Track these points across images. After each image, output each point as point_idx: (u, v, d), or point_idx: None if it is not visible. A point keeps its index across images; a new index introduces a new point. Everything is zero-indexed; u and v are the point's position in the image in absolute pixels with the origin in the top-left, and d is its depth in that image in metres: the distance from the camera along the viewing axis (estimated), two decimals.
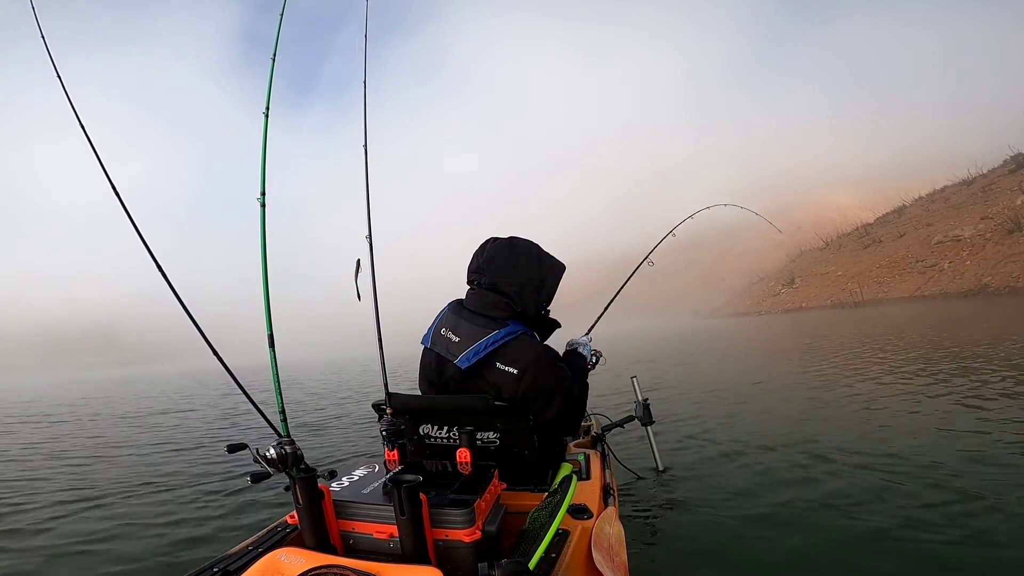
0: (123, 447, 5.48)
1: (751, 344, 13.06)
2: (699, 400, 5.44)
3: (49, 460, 4.98)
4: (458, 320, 1.67)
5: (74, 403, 11.72)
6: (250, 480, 1.18)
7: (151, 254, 1.32)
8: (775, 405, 4.89)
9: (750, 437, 3.68)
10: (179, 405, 9.65)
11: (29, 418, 9.09)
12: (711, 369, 8.41)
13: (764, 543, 2.11)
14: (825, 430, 3.67)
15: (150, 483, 3.77)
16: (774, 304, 33.62)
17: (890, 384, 5.21)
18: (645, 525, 2.42)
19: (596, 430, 2.62)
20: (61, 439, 6.35)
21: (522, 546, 1.20)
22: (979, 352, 6.49)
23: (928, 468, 2.73)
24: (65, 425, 7.76)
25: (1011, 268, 19.08)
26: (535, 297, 1.67)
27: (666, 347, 13.96)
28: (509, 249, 1.70)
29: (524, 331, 1.64)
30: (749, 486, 2.77)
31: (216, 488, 3.50)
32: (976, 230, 23.80)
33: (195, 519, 2.94)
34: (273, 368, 1.25)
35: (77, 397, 13.63)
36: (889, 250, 29.56)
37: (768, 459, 3.19)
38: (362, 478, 1.36)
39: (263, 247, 1.29)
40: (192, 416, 7.82)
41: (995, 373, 5.05)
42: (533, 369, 1.57)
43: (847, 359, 7.43)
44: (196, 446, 5.21)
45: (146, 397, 12.21)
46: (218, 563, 1.17)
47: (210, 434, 5.95)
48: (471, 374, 1.63)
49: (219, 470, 3.99)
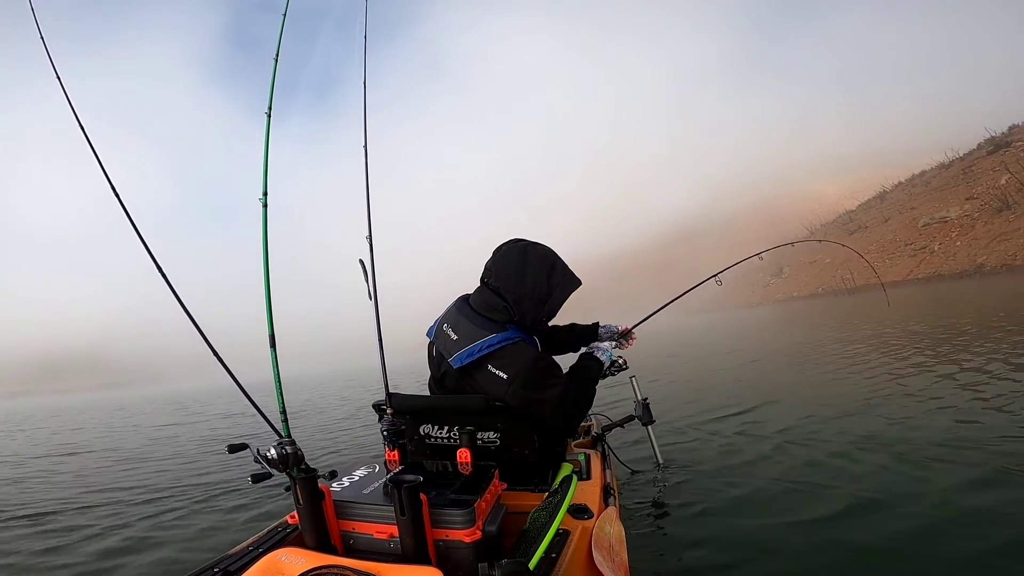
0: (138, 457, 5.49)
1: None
2: (699, 401, 5.44)
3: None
4: (459, 318, 1.66)
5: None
6: (251, 480, 1.18)
7: (151, 255, 1.31)
8: (785, 399, 4.88)
9: (751, 437, 3.68)
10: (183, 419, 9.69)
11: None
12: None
13: (766, 543, 2.11)
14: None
15: (152, 489, 3.78)
16: (764, 296, 33.58)
17: (890, 372, 5.20)
18: (646, 525, 2.42)
19: (596, 430, 2.62)
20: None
21: (522, 546, 1.20)
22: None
23: (952, 462, 2.69)
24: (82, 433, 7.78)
25: (1005, 246, 19.08)
26: (536, 310, 1.64)
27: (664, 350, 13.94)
28: (521, 256, 1.66)
29: (521, 338, 1.63)
30: (750, 486, 2.76)
31: (216, 488, 3.50)
32: (963, 211, 23.93)
33: (196, 518, 2.95)
34: (274, 369, 1.25)
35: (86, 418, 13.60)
36: (876, 235, 29.68)
37: (770, 458, 3.19)
38: (362, 478, 1.36)
39: (264, 247, 1.29)
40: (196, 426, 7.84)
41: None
42: (522, 376, 1.55)
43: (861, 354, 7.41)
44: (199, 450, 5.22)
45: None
46: (218, 563, 1.17)
47: (212, 436, 5.96)
48: (464, 374, 1.63)
49: (219, 469, 3.99)
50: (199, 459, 5.18)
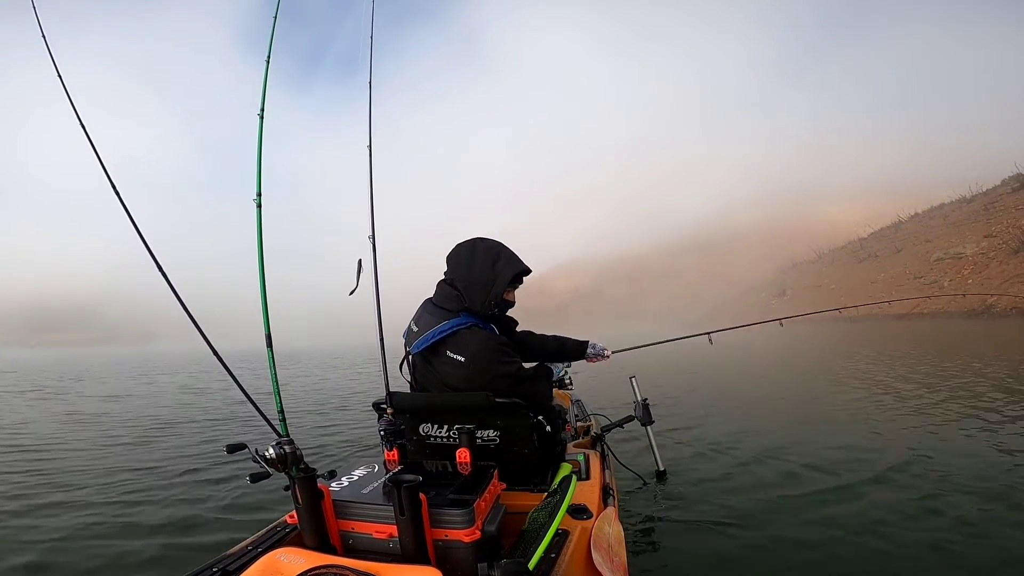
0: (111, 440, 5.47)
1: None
2: (697, 401, 5.44)
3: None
4: (422, 313, 1.78)
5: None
6: (249, 480, 1.17)
7: (145, 244, 1.29)
8: (782, 411, 4.88)
9: (750, 439, 3.68)
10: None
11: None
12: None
13: (764, 544, 2.11)
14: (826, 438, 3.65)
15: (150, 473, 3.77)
16: (765, 315, 33.45)
17: (893, 397, 5.20)
18: (645, 525, 2.41)
19: (596, 430, 2.61)
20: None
21: (522, 546, 1.20)
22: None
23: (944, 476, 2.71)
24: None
25: (1018, 289, 18.50)
26: (483, 294, 1.73)
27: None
28: (470, 249, 1.79)
29: (475, 322, 1.71)
30: (749, 487, 2.77)
31: (216, 487, 3.50)
32: (979, 248, 23.33)
33: (195, 518, 2.94)
34: (271, 368, 1.25)
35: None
36: (886, 264, 29.33)
37: (768, 462, 3.19)
38: (362, 478, 1.36)
39: (259, 247, 1.29)
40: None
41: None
42: (480, 355, 1.64)
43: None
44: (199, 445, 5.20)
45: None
46: (217, 563, 1.17)
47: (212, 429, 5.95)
48: (425, 361, 1.73)
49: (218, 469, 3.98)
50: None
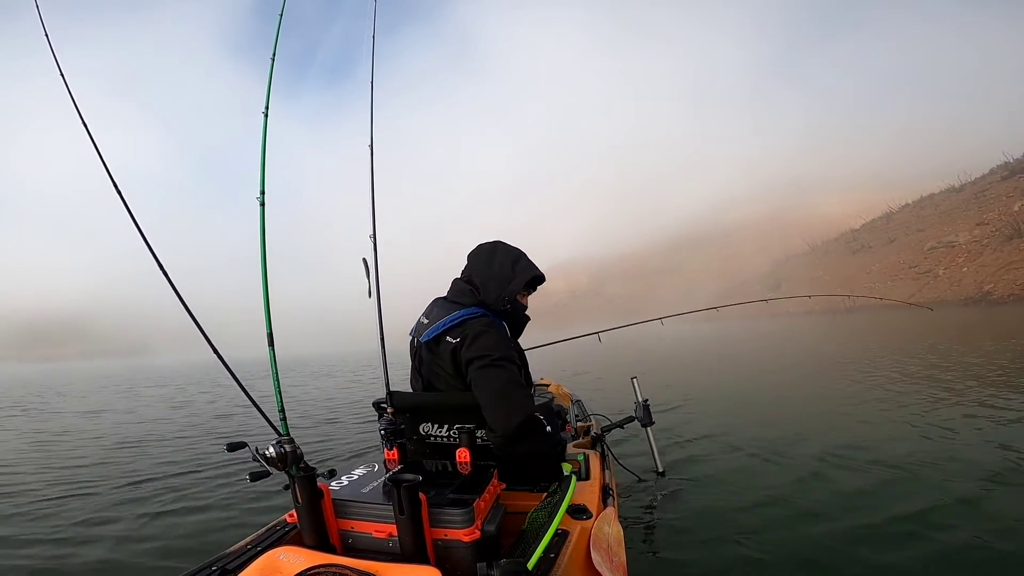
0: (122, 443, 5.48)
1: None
2: (697, 402, 5.44)
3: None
4: (433, 307, 1.80)
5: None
6: (249, 479, 1.17)
7: (148, 244, 1.30)
8: (782, 410, 4.88)
9: (751, 439, 3.68)
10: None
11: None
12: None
13: (764, 545, 2.11)
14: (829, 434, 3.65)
15: (149, 478, 3.77)
16: (760, 308, 33.43)
17: (892, 391, 5.20)
18: (644, 526, 2.41)
19: (596, 430, 2.61)
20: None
21: (521, 546, 1.20)
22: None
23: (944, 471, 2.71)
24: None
25: (1014, 275, 18.62)
26: (499, 289, 1.75)
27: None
28: (492, 249, 1.83)
29: (484, 314, 1.71)
30: (749, 488, 2.76)
31: (215, 486, 3.50)
32: (972, 236, 23.47)
33: (194, 517, 2.94)
34: (272, 367, 1.25)
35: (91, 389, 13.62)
36: (880, 255, 29.36)
37: (768, 462, 3.19)
38: (361, 477, 1.36)
39: (262, 246, 1.29)
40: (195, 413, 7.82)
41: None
42: (471, 335, 1.61)
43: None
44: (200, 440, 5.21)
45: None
46: (216, 561, 1.17)
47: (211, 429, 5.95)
48: (429, 351, 1.73)
49: (218, 467, 3.99)
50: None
